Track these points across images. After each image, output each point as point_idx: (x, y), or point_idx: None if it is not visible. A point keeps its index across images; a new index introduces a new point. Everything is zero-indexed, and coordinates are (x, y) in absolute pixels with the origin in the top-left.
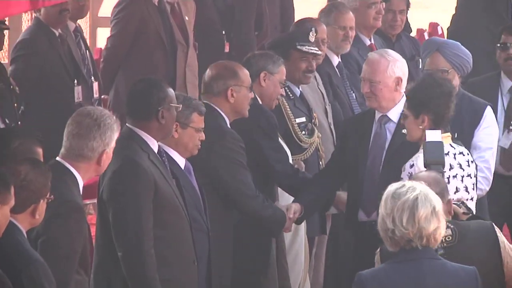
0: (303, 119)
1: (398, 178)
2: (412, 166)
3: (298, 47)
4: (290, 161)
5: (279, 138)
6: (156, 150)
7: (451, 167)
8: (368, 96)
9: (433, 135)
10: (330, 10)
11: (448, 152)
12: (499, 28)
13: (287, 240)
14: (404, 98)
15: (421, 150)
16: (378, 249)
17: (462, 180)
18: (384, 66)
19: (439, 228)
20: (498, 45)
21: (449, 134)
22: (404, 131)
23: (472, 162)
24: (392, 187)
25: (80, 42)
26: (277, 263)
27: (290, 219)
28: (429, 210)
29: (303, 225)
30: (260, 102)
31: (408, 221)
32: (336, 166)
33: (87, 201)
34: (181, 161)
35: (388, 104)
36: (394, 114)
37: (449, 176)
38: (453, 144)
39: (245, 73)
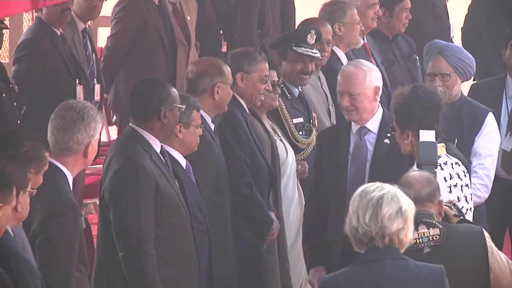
0: (301, 120)
1: None
2: None
3: (294, 48)
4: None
5: (280, 138)
6: (158, 150)
7: (451, 177)
8: (348, 109)
9: (426, 135)
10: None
11: (446, 161)
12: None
13: (289, 240)
14: (380, 107)
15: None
16: None
17: (462, 190)
18: (362, 77)
19: (404, 229)
20: (508, 45)
21: (443, 144)
22: (386, 140)
23: (467, 172)
24: (361, 187)
25: (87, 43)
26: (279, 262)
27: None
28: (393, 209)
29: None
30: (242, 102)
31: (371, 219)
32: (321, 188)
33: (88, 201)
34: (182, 161)
35: (368, 115)
36: (373, 124)
37: (451, 185)
38: (448, 155)
39: (228, 70)
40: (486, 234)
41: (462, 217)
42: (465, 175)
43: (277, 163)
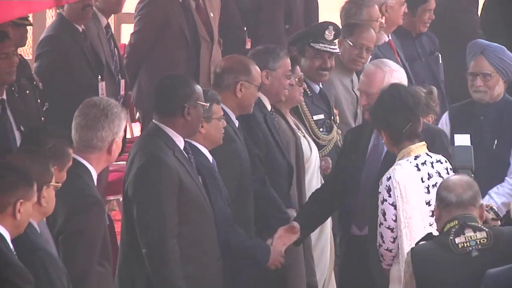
0: (321, 116)
1: None
2: (389, 179)
3: (312, 44)
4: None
5: (303, 135)
6: (182, 147)
7: (429, 176)
8: (366, 109)
9: (461, 139)
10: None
11: (425, 161)
12: None
13: (314, 236)
14: None
15: (397, 163)
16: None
17: None
18: (380, 77)
19: None
20: None
21: (423, 143)
22: None
23: (451, 169)
24: None
25: (110, 39)
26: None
27: (280, 257)
28: None
29: (328, 221)
30: (263, 98)
31: None
32: (336, 182)
33: (111, 197)
34: (209, 156)
35: None
36: None
37: (429, 185)
38: (429, 153)
39: (257, 71)
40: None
41: (499, 220)
42: (447, 173)
43: (301, 159)
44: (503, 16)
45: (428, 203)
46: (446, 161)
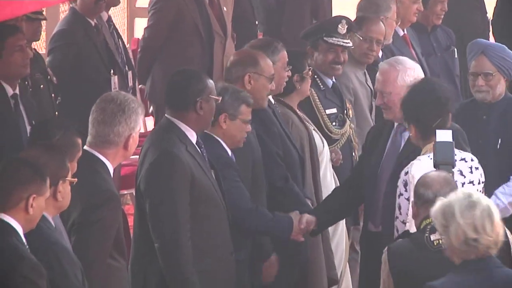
0: (334, 110)
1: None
2: (406, 173)
3: (325, 38)
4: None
5: (314, 128)
6: (194, 141)
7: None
8: (383, 108)
9: (443, 135)
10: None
11: None
12: None
13: (330, 228)
14: None
15: (417, 158)
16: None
17: (462, 186)
18: (394, 76)
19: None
20: None
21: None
22: None
23: (477, 169)
24: (458, 196)
25: (113, 32)
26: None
27: (301, 229)
28: (499, 217)
29: None
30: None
31: (492, 229)
32: (356, 177)
33: (125, 191)
34: (228, 148)
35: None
36: None
37: None
38: (455, 151)
39: (266, 63)
40: (508, 231)
41: None
42: (471, 172)
43: (315, 153)
44: None
45: None
46: (472, 160)
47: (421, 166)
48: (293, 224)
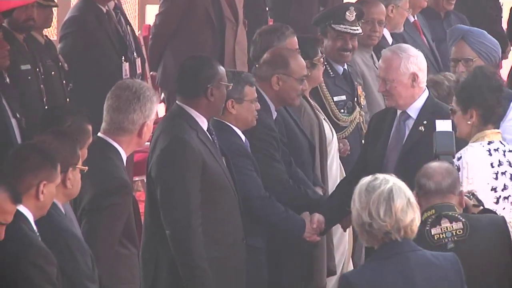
0: (343, 97)
1: (411, 178)
2: (459, 159)
3: (333, 25)
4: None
5: (324, 117)
6: (205, 128)
7: (500, 163)
8: (385, 95)
9: (443, 125)
10: None
11: (498, 148)
12: None
13: None
14: (426, 93)
15: (470, 144)
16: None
17: (511, 178)
18: (397, 64)
19: (415, 220)
20: None
21: (499, 130)
22: (421, 128)
23: None
24: (364, 180)
25: (121, 19)
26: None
27: (314, 228)
28: (404, 202)
29: None
30: None
31: (386, 213)
32: (361, 168)
33: (136, 178)
34: (242, 134)
35: (406, 101)
36: (413, 110)
37: (498, 172)
38: (504, 142)
39: (298, 64)
40: (509, 224)
41: (482, 208)
42: None
43: (324, 143)
44: None
45: (495, 190)
46: None
47: (475, 153)
48: (306, 225)
